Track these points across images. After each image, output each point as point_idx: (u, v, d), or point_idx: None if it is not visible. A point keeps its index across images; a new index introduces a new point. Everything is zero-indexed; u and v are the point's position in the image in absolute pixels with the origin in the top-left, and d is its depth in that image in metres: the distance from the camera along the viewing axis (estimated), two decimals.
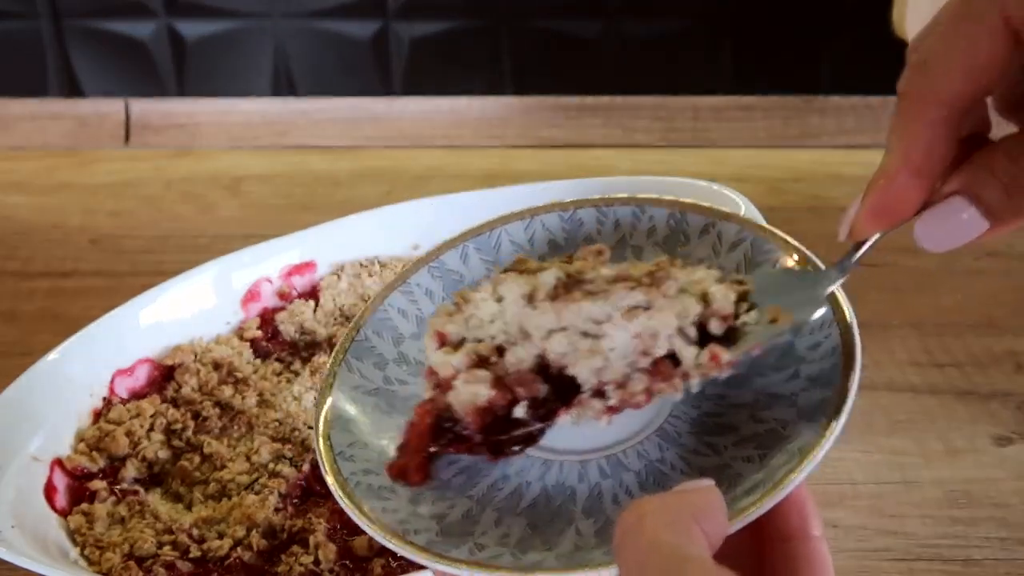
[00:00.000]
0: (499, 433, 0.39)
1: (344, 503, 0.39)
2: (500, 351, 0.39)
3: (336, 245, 0.73)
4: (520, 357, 0.38)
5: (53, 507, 0.56)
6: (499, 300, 0.40)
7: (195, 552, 0.54)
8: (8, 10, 1.02)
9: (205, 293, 0.68)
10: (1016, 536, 0.60)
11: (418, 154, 1.03)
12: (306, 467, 0.58)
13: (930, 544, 0.60)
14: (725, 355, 0.37)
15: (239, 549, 0.54)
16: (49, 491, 0.56)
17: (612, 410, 0.37)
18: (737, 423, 0.40)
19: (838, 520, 0.62)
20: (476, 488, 0.40)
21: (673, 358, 0.37)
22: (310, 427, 0.61)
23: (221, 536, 0.55)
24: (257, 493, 0.57)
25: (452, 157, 1.02)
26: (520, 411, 0.38)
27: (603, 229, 0.48)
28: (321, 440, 0.41)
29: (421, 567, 0.38)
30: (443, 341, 0.40)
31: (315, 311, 0.70)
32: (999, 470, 0.65)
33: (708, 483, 0.33)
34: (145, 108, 1.05)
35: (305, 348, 0.68)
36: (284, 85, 1.06)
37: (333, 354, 0.45)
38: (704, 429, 0.40)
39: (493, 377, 0.38)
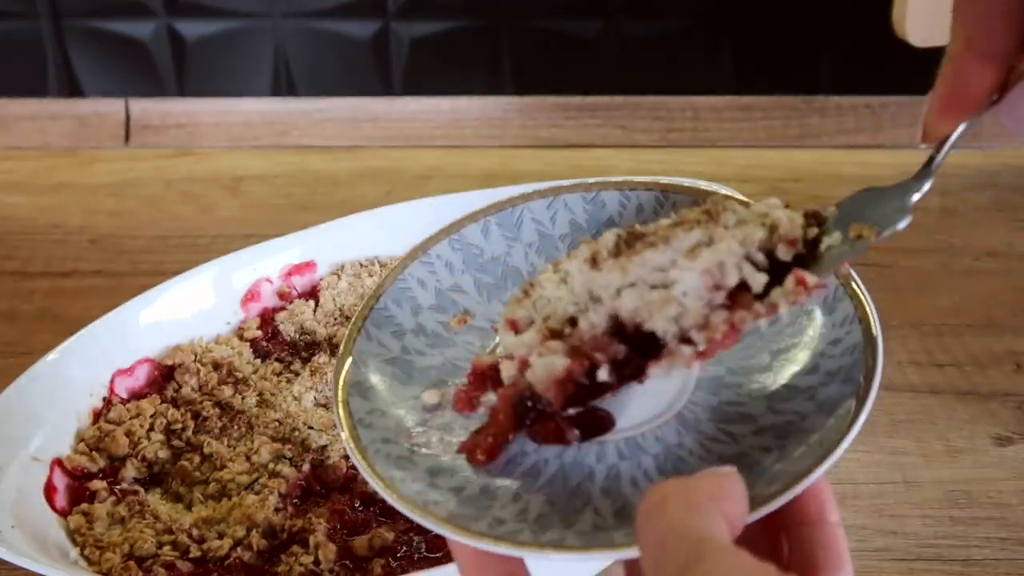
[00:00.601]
0: (583, 404, 0.38)
1: (365, 471, 0.39)
2: (572, 322, 0.39)
3: (336, 245, 0.73)
4: (593, 322, 0.38)
5: (53, 507, 0.56)
6: (564, 277, 0.40)
7: (195, 552, 0.54)
8: (8, 10, 1.02)
9: (205, 293, 0.68)
10: (1016, 536, 0.60)
11: (418, 154, 1.03)
12: (306, 467, 0.58)
13: (930, 544, 0.60)
14: (810, 278, 0.36)
15: (239, 549, 0.54)
16: (49, 491, 0.56)
17: (702, 355, 0.36)
18: (755, 413, 0.40)
19: None
20: (494, 463, 0.39)
21: (747, 288, 0.37)
22: (310, 427, 0.61)
23: (221, 536, 0.55)
24: (257, 493, 0.57)
25: (452, 157, 1.02)
26: (603, 374, 0.37)
27: (625, 212, 0.48)
28: (341, 406, 0.41)
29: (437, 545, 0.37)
30: (515, 327, 0.40)
31: (315, 311, 0.70)
32: (999, 470, 0.65)
33: (731, 470, 0.33)
34: (145, 108, 1.05)
35: (305, 348, 0.68)
36: (284, 85, 1.06)
37: (352, 322, 0.45)
38: (722, 417, 0.40)
39: (568, 347, 0.38)
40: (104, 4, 1.02)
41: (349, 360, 0.43)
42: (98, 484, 0.58)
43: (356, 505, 0.56)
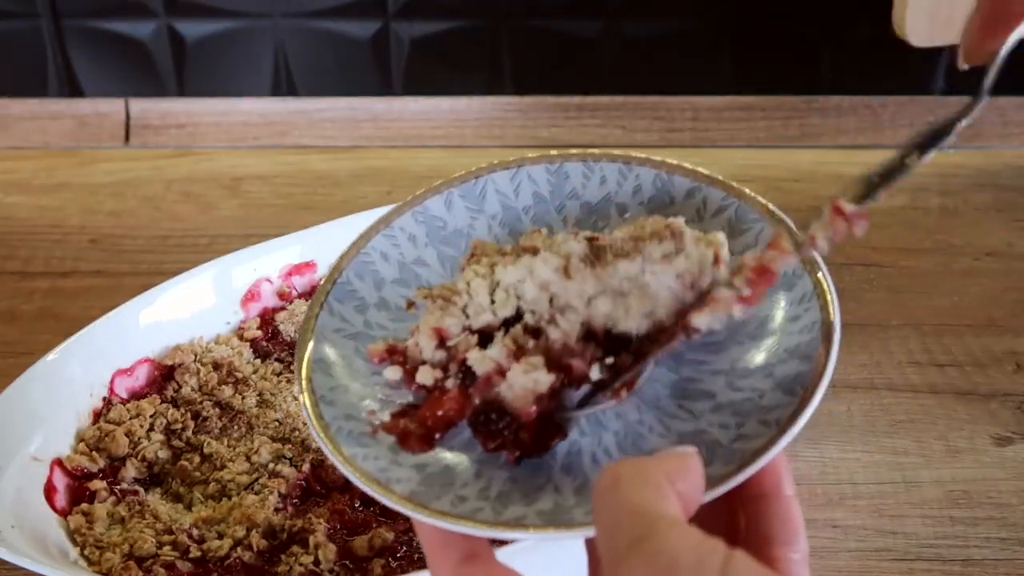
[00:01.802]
0: (548, 416, 0.38)
1: (327, 448, 0.38)
2: (535, 333, 0.39)
3: (336, 245, 0.72)
4: (565, 330, 0.38)
5: (53, 507, 0.56)
6: (494, 285, 0.40)
7: (195, 552, 0.54)
8: (8, 10, 1.02)
9: (205, 293, 0.68)
10: (1016, 536, 0.60)
11: (418, 154, 1.03)
12: (306, 467, 0.58)
13: (930, 544, 0.60)
14: (848, 206, 0.37)
15: (239, 549, 0.54)
16: (49, 491, 0.56)
17: (745, 301, 0.37)
18: (714, 390, 0.40)
19: (838, 520, 0.62)
20: (456, 440, 0.39)
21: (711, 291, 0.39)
22: None
23: (221, 536, 0.55)
24: (257, 493, 0.57)
25: (452, 157, 1.02)
26: (596, 372, 0.38)
27: (588, 184, 0.48)
28: (304, 383, 0.41)
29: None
30: (442, 337, 0.40)
31: None
32: (999, 470, 0.65)
33: (690, 450, 0.33)
34: (145, 108, 1.05)
35: None
36: (284, 85, 1.06)
37: (314, 296, 0.44)
38: (682, 394, 0.40)
39: (547, 360, 0.38)
40: (104, 4, 1.02)
41: (312, 336, 0.43)
42: (98, 484, 0.58)
43: (356, 505, 0.56)
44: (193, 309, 0.68)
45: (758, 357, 0.40)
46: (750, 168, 0.99)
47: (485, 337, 0.40)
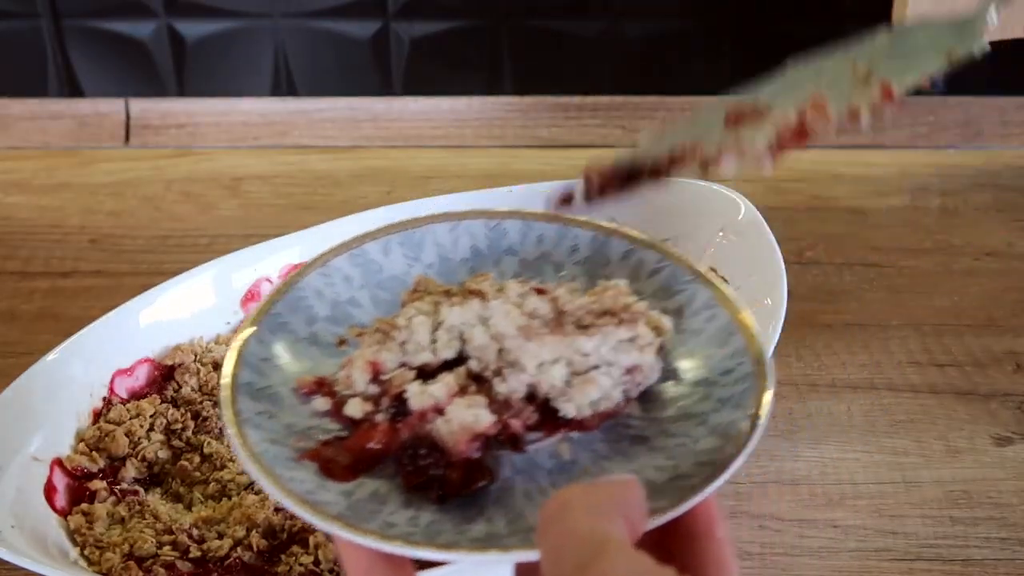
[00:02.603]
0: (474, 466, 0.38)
1: (251, 467, 0.38)
2: (478, 380, 0.39)
3: None
4: (513, 387, 0.38)
5: (53, 507, 0.56)
6: (439, 323, 0.41)
7: (195, 552, 0.54)
8: (8, 10, 1.02)
9: (205, 293, 0.68)
10: (1016, 536, 0.60)
11: (418, 154, 1.03)
12: None
13: (930, 544, 0.60)
14: (897, 87, 0.39)
15: (239, 549, 0.54)
16: (49, 491, 0.56)
17: (777, 150, 0.39)
18: (649, 435, 0.40)
19: (838, 520, 0.62)
20: (384, 471, 0.39)
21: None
22: None
23: (221, 536, 0.55)
24: (257, 493, 0.57)
25: (452, 157, 1.02)
26: (529, 437, 0.39)
27: (525, 242, 0.48)
28: (227, 405, 0.40)
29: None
30: (376, 371, 0.40)
31: None
32: (999, 470, 0.65)
33: (631, 478, 0.34)
34: (145, 108, 1.05)
35: None
36: (284, 85, 1.06)
37: (242, 324, 0.44)
38: (616, 437, 0.41)
39: (489, 402, 0.38)
40: (104, 4, 1.02)
41: (239, 360, 0.42)
42: (98, 484, 0.58)
43: None
44: (193, 309, 0.67)
45: (692, 408, 0.41)
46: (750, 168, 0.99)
47: (422, 375, 0.40)
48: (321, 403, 0.41)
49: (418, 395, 0.39)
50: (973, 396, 0.71)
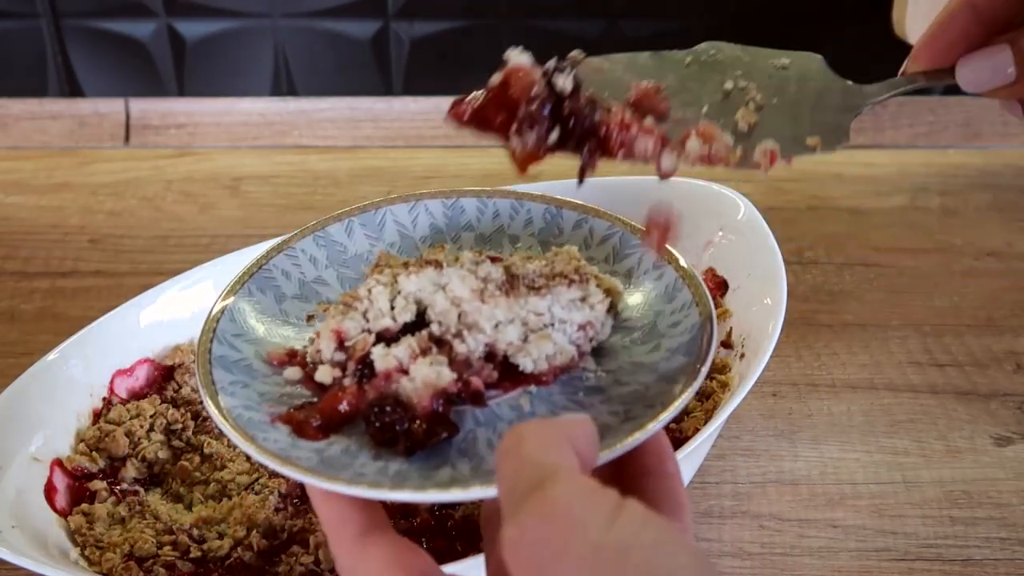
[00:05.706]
0: (438, 421, 0.40)
1: (226, 428, 0.40)
2: (438, 343, 0.41)
3: None
4: (471, 347, 0.41)
5: (53, 507, 0.56)
6: (397, 292, 0.43)
7: (195, 552, 0.54)
8: (8, 10, 1.02)
9: (205, 293, 0.68)
10: (1016, 536, 0.60)
11: (418, 154, 1.03)
12: None
13: (930, 544, 0.60)
14: (777, 152, 0.45)
15: (239, 549, 0.54)
16: (49, 491, 0.57)
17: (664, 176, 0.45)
18: (603, 386, 0.43)
19: (838, 520, 0.62)
20: (355, 430, 0.41)
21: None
22: None
23: (221, 536, 0.55)
24: (257, 493, 0.57)
25: (452, 157, 1.02)
26: (480, 385, 0.41)
27: (482, 217, 0.52)
28: (202, 375, 0.42)
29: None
30: (341, 338, 0.42)
31: None
32: (999, 470, 0.65)
33: (584, 417, 0.35)
34: (145, 108, 1.05)
35: None
36: (284, 85, 1.06)
37: (216, 301, 0.47)
38: (572, 390, 0.43)
39: (450, 361, 0.41)
40: (104, 4, 1.02)
41: (212, 336, 0.45)
42: (98, 484, 0.58)
43: None
44: (193, 309, 0.67)
45: (643, 358, 0.44)
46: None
47: (385, 339, 0.42)
48: (292, 372, 0.44)
49: (382, 357, 0.41)
50: (973, 396, 0.71)
